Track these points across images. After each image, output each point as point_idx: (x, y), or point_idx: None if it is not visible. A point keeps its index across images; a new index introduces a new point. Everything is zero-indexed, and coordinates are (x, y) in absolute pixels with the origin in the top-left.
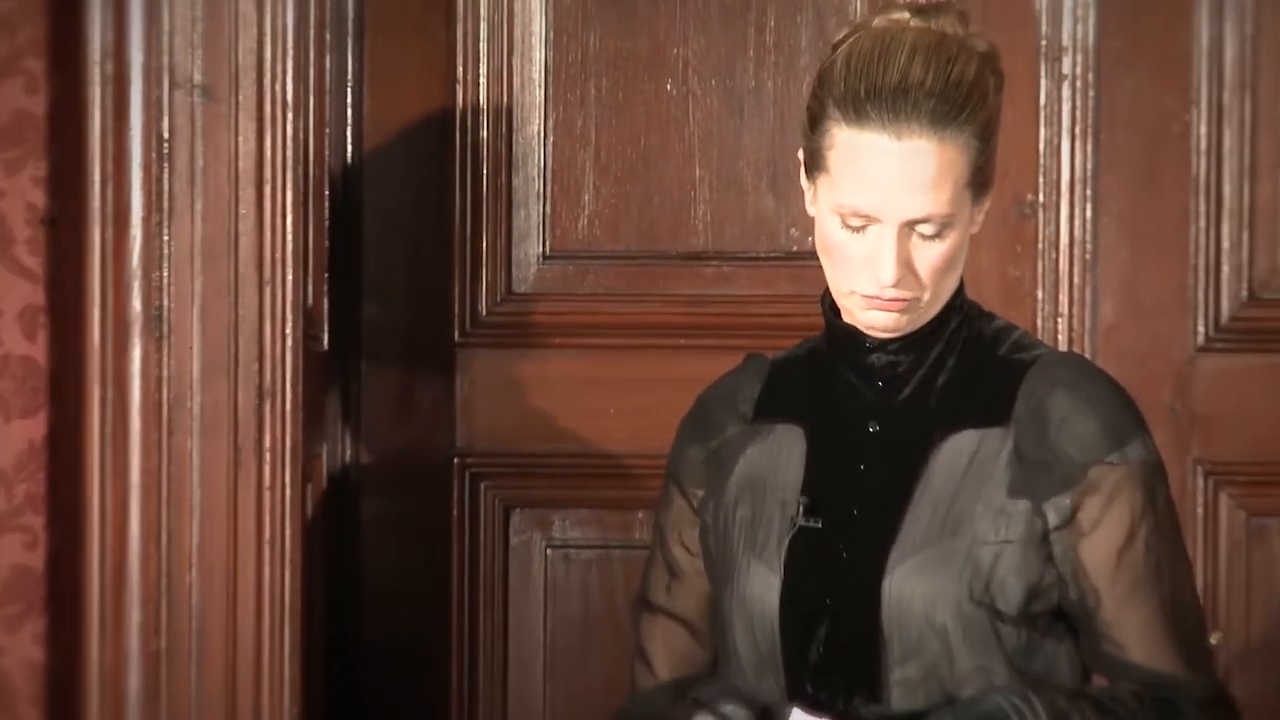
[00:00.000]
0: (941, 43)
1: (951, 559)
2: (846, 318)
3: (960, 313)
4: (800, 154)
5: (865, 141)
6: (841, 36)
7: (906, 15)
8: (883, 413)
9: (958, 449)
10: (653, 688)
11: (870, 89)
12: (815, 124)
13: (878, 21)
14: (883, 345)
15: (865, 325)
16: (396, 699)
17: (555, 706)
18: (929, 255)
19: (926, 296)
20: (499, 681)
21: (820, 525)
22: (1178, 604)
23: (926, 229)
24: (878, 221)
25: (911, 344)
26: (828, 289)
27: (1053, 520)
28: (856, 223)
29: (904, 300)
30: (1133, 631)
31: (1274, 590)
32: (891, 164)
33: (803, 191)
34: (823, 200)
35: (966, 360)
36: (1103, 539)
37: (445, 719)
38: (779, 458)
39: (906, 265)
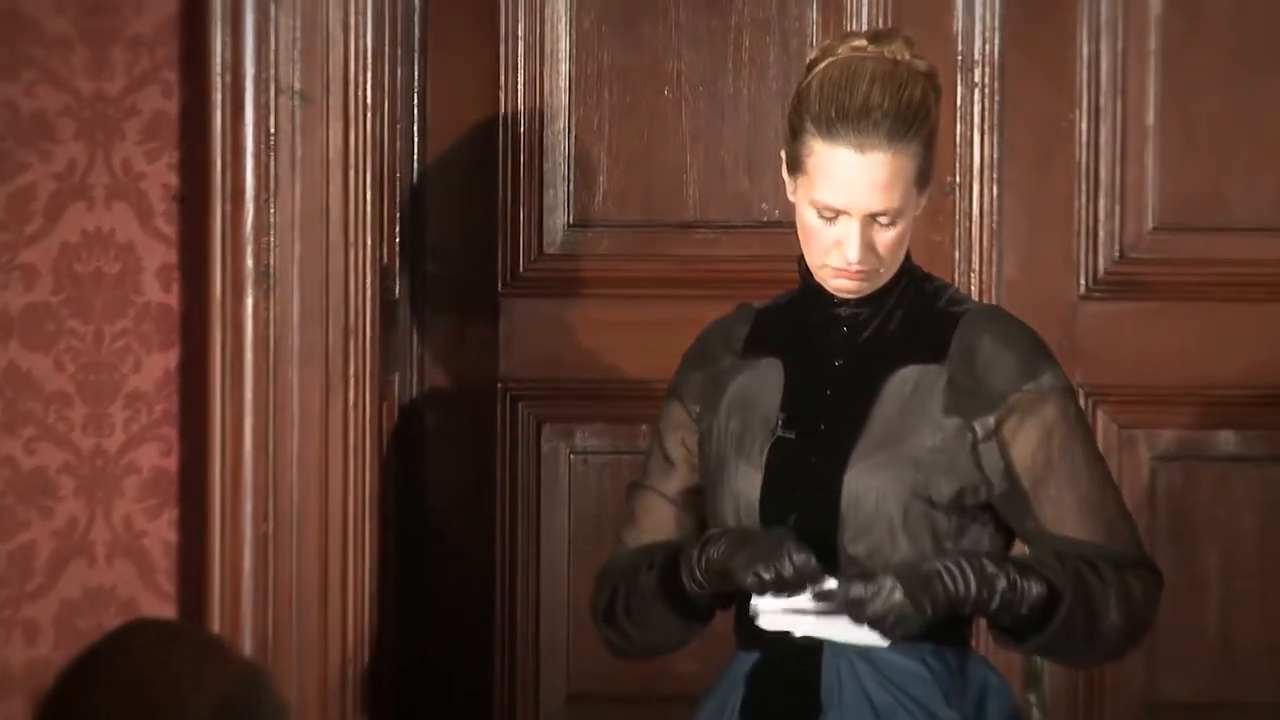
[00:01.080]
0: (894, 70)
1: (897, 462)
2: (817, 280)
3: (908, 275)
4: (783, 154)
5: (836, 153)
6: (814, 58)
7: (865, 43)
8: (846, 351)
9: (904, 379)
10: (641, 545)
11: (839, 111)
12: (795, 135)
13: (842, 50)
14: (847, 301)
15: (834, 289)
16: (452, 571)
17: (577, 579)
18: (885, 238)
19: (883, 269)
20: (533, 558)
21: (794, 436)
22: (1092, 493)
23: (883, 219)
24: (846, 213)
25: (870, 300)
26: (803, 254)
27: (979, 435)
28: (829, 214)
29: (865, 271)
30: (1052, 517)
31: (1139, 485)
32: (856, 171)
33: (773, 175)
34: (801, 194)
35: (912, 312)
36: (1023, 447)
37: (490, 587)
38: (763, 384)
39: (868, 247)
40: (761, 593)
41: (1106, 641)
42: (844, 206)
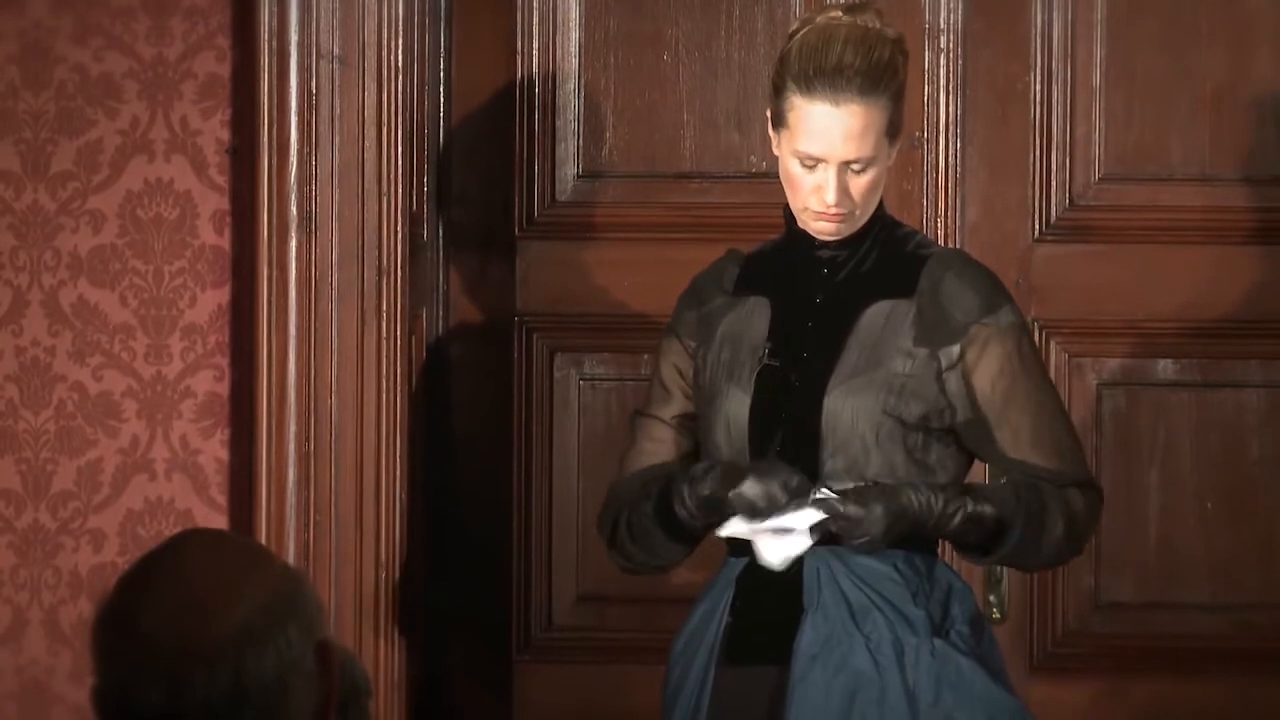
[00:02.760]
0: (866, 35)
1: (871, 385)
2: (800, 224)
3: (880, 221)
4: (768, 113)
5: (814, 108)
6: (795, 28)
7: (840, 13)
8: (826, 289)
9: (877, 313)
10: (640, 468)
11: (817, 70)
12: (778, 94)
13: (820, 19)
14: (826, 243)
15: (815, 231)
16: (474, 486)
17: (586, 491)
18: (859, 184)
19: (858, 212)
20: (546, 472)
21: (779, 364)
22: (1042, 420)
23: (857, 166)
24: (824, 161)
25: (847, 242)
26: (787, 203)
27: (944, 363)
28: (809, 163)
29: (842, 214)
30: (1007, 439)
31: (1088, 408)
32: (833, 123)
33: (760, 130)
34: (784, 146)
35: (885, 254)
36: (983, 375)
37: (508, 498)
38: (751, 319)
39: (844, 191)
40: (752, 518)
41: (1050, 554)
42: (822, 155)
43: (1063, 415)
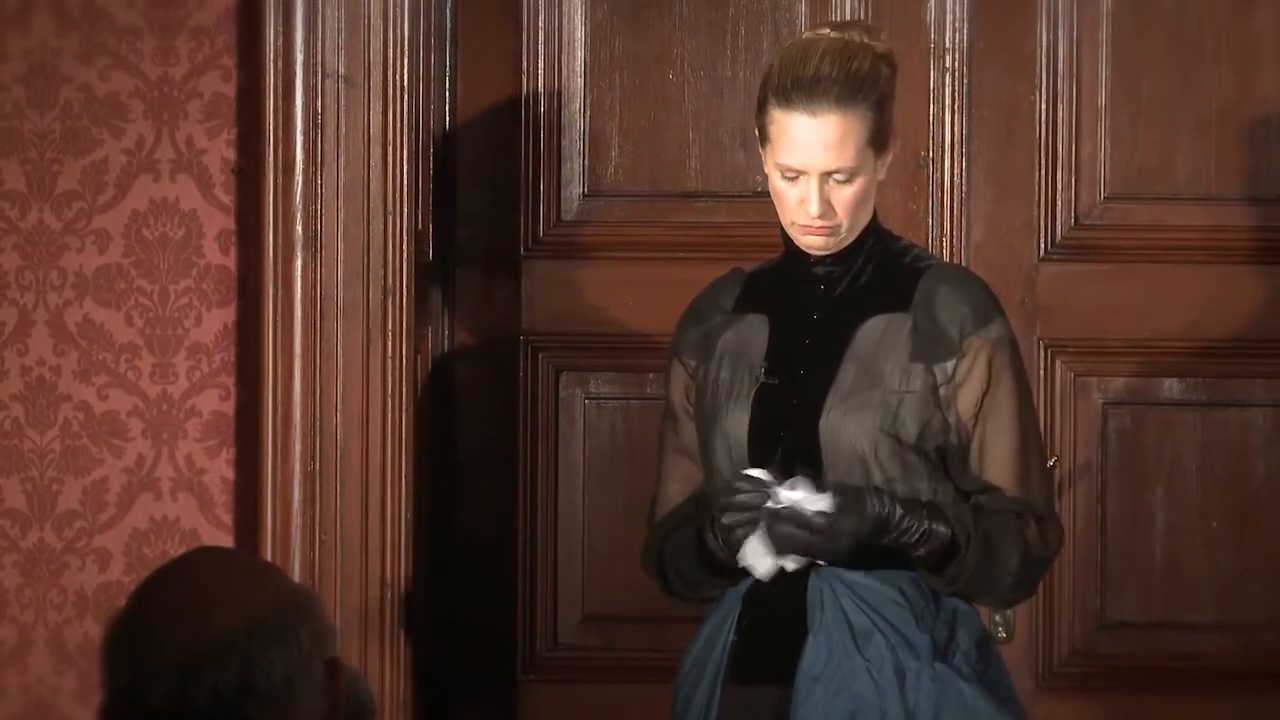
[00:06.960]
0: (845, 46)
1: (869, 403)
2: (793, 240)
3: (875, 235)
4: (756, 131)
5: (792, 119)
6: (783, 49)
7: (826, 30)
8: (822, 305)
9: (874, 328)
10: (674, 507)
11: (794, 82)
12: (761, 109)
13: (805, 35)
14: (822, 260)
15: (804, 246)
16: (479, 505)
17: (591, 510)
18: (842, 195)
19: (845, 224)
20: (551, 492)
21: (777, 382)
22: (1017, 448)
23: (839, 176)
24: (805, 173)
25: (842, 258)
26: None
27: (939, 378)
28: (791, 175)
29: (828, 226)
30: (977, 457)
31: (1091, 426)
32: (810, 133)
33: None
34: (769, 161)
35: (881, 268)
36: (970, 390)
37: (513, 518)
38: (750, 338)
39: (827, 203)
40: (738, 530)
41: (1001, 585)
42: (802, 166)
43: (1038, 443)
